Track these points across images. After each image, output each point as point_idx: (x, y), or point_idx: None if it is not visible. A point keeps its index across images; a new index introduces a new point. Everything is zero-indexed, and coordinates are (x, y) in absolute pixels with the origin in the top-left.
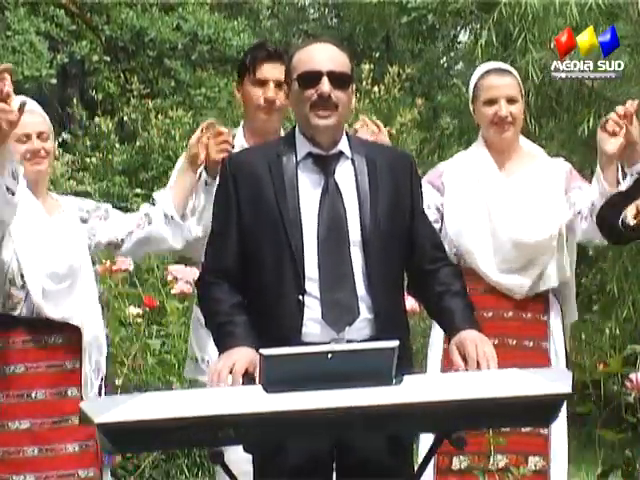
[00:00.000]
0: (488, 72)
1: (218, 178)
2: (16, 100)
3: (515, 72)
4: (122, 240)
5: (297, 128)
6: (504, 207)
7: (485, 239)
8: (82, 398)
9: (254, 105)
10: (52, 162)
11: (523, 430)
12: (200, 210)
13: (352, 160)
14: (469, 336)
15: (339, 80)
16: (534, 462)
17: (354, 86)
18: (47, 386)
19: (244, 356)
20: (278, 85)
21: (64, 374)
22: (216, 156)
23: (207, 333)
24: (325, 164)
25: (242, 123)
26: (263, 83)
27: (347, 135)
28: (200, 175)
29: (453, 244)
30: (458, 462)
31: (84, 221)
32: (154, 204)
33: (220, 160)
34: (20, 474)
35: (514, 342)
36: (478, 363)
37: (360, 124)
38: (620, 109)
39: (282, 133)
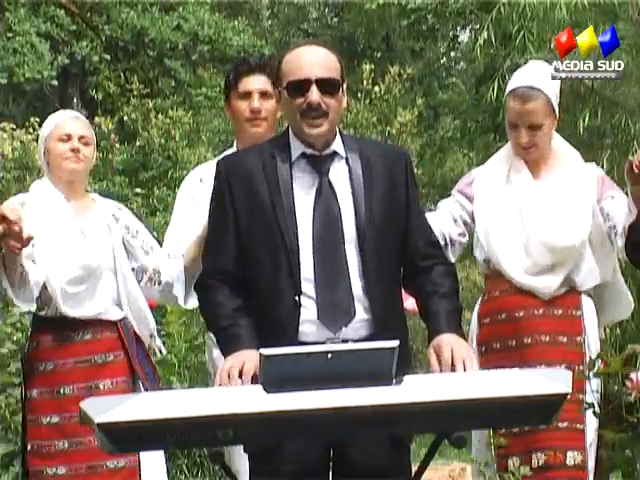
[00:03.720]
0: (515, 91)
1: (213, 181)
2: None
3: (545, 88)
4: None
5: (290, 129)
6: (536, 212)
7: (516, 244)
8: (134, 389)
9: (242, 118)
10: (89, 168)
11: (560, 425)
12: None
13: (346, 159)
14: (445, 339)
15: (328, 86)
16: (572, 457)
17: (345, 86)
18: (75, 381)
19: (252, 358)
20: (263, 95)
21: (93, 368)
22: None
23: (216, 352)
24: (319, 164)
25: (235, 141)
26: (247, 95)
27: (341, 134)
28: None
29: (484, 249)
30: (512, 462)
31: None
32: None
33: None
34: (53, 466)
35: (547, 338)
36: (453, 366)
37: None
38: None
39: None
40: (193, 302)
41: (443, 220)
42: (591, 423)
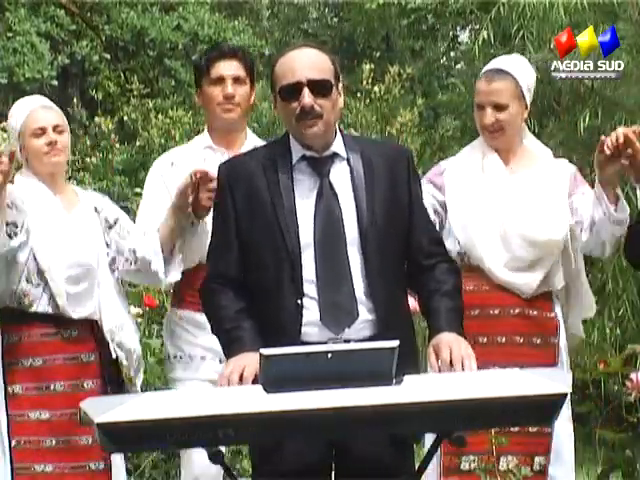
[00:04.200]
0: (484, 74)
1: (215, 185)
2: (5, 149)
3: (515, 70)
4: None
5: (290, 132)
6: (513, 204)
7: (493, 236)
8: (104, 392)
9: (215, 104)
10: (69, 157)
11: (530, 430)
12: (183, 248)
13: (347, 160)
14: (444, 338)
15: (320, 88)
16: (539, 462)
17: (340, 85)
18: (65, 378)
19: (253, 362)
20: (236, 81)
21: (80, 366)
22: (207, 203)
23: (181, 331)
24: (319, 166)
25: (206, 128)
26: (220, 80)
27: (342, 134)
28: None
29: (457, 241)
30: (467, 463)
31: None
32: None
33: (210, 205)
34: (41, 463)
35: (521, 340)
36: (452, 365)
37: None
38: (620, 135)
39: (249, 132)
40: (175, 276)
41: None
42: (562, 428)
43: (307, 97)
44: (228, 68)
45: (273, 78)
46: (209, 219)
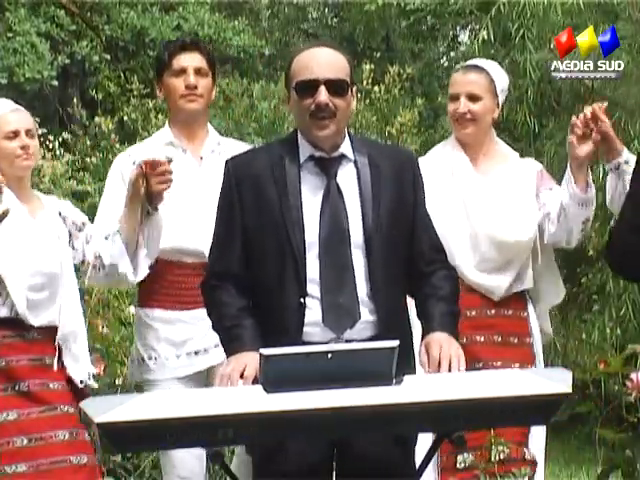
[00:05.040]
0: (461, 67)
1: (221, 182)
2: None
3: (491, 69)
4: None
5: (299, 131)
6: (481, 205)
7: (463, 238)
8: (70, 390)
9: (177, 95)
10: (37, 160)
11: None
12: (147, 240)
13: (355, 162)
14: (435, 338)
15: (337, 88)
16: (528, 452)
17: (355, 88)
18: (31, 377)
19: (254, 360)
20: (198, 72)
21: (44, 368)
22: (157, 187)
23: (152, 331)
24: (327, 167)
25: (167, 123)
26: (182, 72)
27: (350, 136)
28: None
29: None
30: (462, 460)
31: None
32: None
33: (162, 190)
34: (12, 464)
35: (499, 339)
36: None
37: None
38: (587, 111)
39: (210, 128)
40: (143, 272)
41: None
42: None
43: (323, 94)
44: (190, 60)
45: (289, 73)
46: (164, 211)
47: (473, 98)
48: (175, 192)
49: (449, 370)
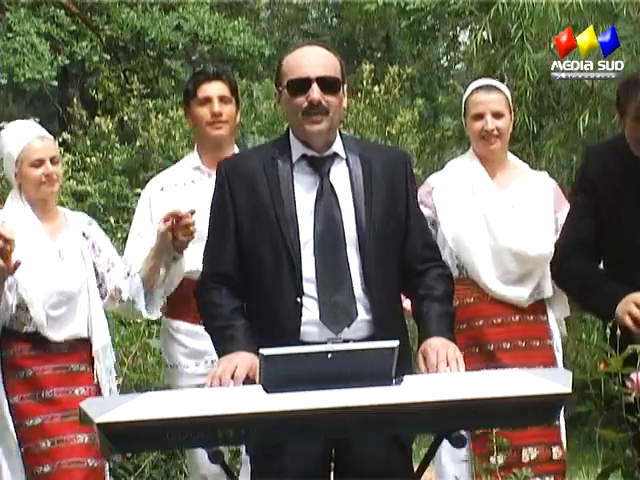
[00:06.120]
0: (477, 89)
1: (214, 183)
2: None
3: (504, 88)
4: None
5: (291, 131)
6: (503, 219)
7: (485, 251)
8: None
9: (204, 123)
10: (61, 183)
11: None
12: (166, 282)
13: (347, 161)
14: (432, 343)
15: (329, 85)
16: (556, 451)
17: (345, 87)
18: (55, 385)
19: (244, 361)
20: (222, 100)
21: (70, 375)
22: (182, 238)
23: (174, 341)
24: (319, 166)
25: (195, 149)
26: (207, 100)
27: (341, 136)
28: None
29: (454, 255)
30: (494, 460)
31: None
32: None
33: (187, 240)
34: (39, 465)
35: (523, 344)
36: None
37: None
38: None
39: (236, 149)
40: (155, 311)
41: None
42: (562, 420)
43: (316, 92)
44: (214, 89)
45: (280, 73)
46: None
47: (497, 115)
48: (200, 215)
49: (450, 372)
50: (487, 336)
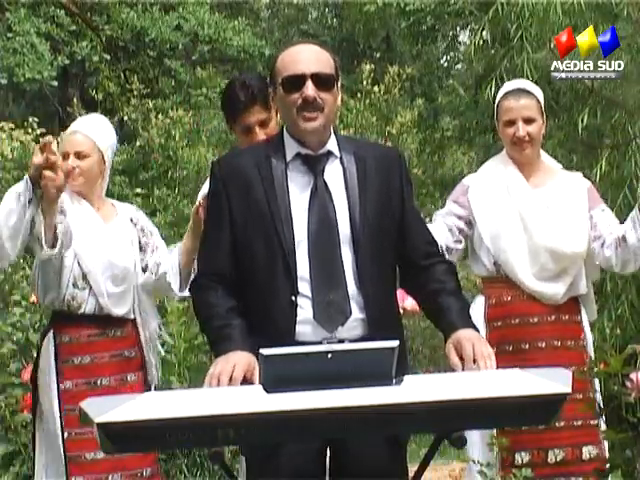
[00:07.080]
0: (508, 93)
1: (208, 182)
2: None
3: (536, 91)
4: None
5: (285, 129)
6: (538, 218)
7: (522, 250)
8: (144, 383)
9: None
10: (95, 177)
11: (575, 424)
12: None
13: (341, 159)
14: (466, 335)
15: (323, 82)
16: (588, 451)
17: (339, 84)
18: (111, 374)
19: (242, 360)
20: (262, 124)
21: (124, 361)
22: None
23: None
24: (314, 164)
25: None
26: (248, 129)
27: (335, 134)
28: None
29: (491, 254)
30: (520, 457)
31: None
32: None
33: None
34: (91, 451)
35: (559, 343)
36: (475, 362)
37: None
38: None
39: None
40: (185, 289)
41: (438, 231)
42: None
43: (310, 89)
44: (252, 117)
45: (275, 71)
46: None
47: (528, 121)
48: None
49: (485, 368)
50: (522, 334)
